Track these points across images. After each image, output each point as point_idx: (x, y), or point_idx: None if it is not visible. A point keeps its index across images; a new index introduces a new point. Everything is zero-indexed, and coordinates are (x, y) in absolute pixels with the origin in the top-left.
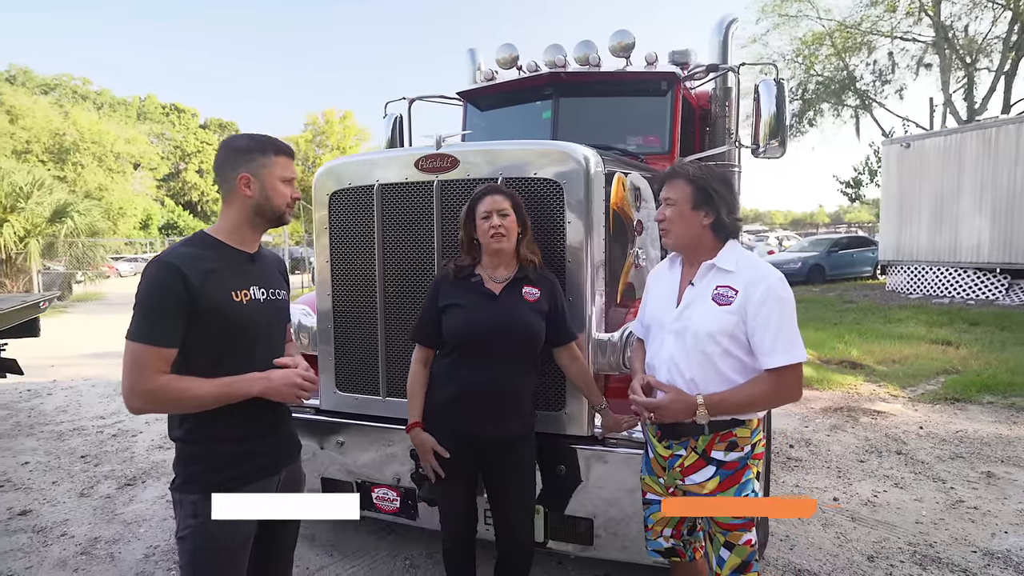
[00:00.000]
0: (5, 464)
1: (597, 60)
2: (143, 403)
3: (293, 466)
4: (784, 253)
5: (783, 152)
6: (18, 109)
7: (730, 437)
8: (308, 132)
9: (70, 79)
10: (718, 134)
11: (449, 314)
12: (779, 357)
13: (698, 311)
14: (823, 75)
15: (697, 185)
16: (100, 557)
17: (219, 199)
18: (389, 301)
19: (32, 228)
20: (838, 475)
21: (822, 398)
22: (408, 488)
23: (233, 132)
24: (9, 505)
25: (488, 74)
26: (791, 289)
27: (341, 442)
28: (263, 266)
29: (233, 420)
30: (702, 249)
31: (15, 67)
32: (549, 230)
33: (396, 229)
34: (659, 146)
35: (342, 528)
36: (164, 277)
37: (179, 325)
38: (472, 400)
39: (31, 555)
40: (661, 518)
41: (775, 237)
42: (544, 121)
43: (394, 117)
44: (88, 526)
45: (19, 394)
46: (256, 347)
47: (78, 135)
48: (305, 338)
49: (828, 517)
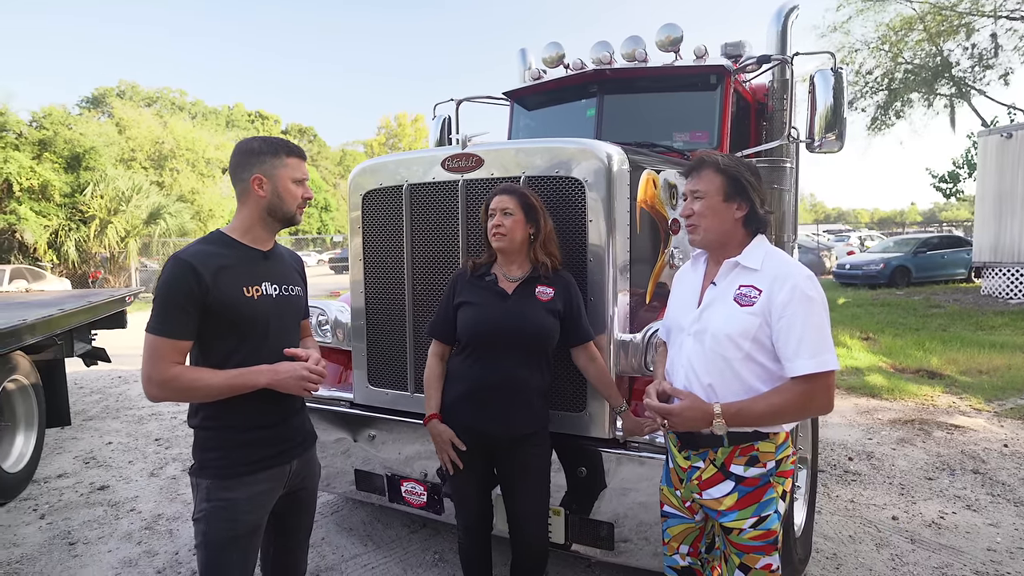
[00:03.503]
0: (93, 443)
1: (644, 56)
2: (159, 391)
3: (306, 456)
4: (865, 254)
5: (841, 146)
6: (126, 121)
7: (751, 451)
8: (381, 135)
9: (169, 91)
10: (776, 128)
11: (463, 311)
12: (805, 363)
13: (718, 312)
14: (912, 63)
15: (728, 174)
16: (161, 532)
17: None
18: (417, 299)
19: (131, 229)
20: (901, 492)
21: (891, 409)
22: (434, 483)
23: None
24: (92, 480)
25: (535, 73)
26: (822, 290)
27: (373, 436)
28: (277, 263)
29: (245, 410)
30: (731, 245)
31: (124, 82)
32: (571, 229)
33: (424, 228)
34: (707, 142)
35: (378, 519)
36: (178, 273)
37: (193, 319)
38: (482, 397)
39: (104, 526)
40: (678, 533)
41: (857, 237)
42: (588, 119)
43: (442, 118)
44: (154, 503)
45: (111, 380)
46: (267, 340)
47: (174, 143)
48: (341, 334)
49: (884, 537)
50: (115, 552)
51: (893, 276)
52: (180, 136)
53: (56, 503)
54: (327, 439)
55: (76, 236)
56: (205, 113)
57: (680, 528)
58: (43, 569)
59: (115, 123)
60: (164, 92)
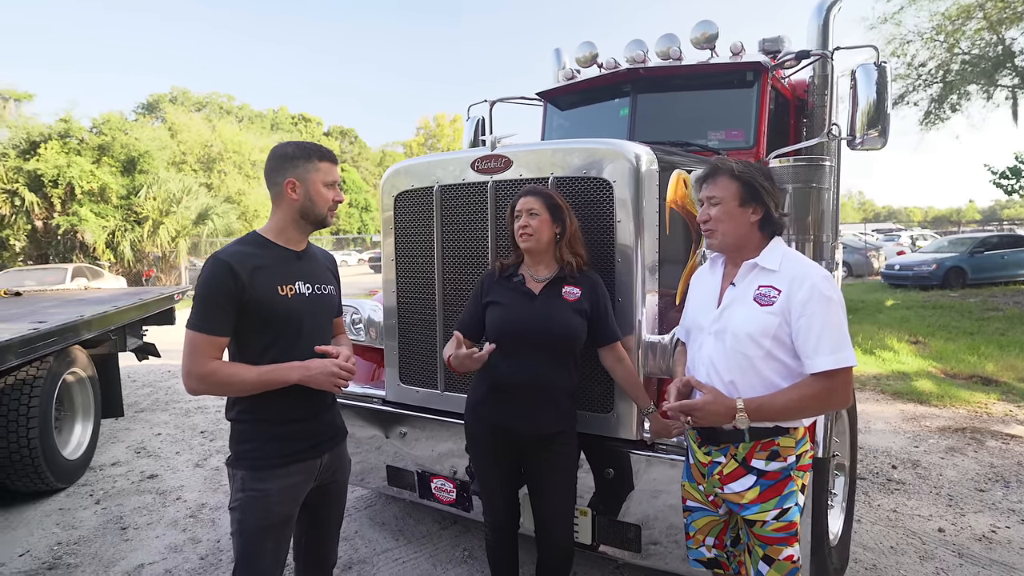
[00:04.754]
0: (145, 434)
1: (678, 54)
2: (198, 384)
3: (337, 450)
4: (916, 254)
5: (884, 143)
6: (177, 126)
7: (772, 446)
8: (420, 136)
9: (218, 96)
10: (816, 125)
11: (490, 311)
12: (824, 360)
13: (738, 312)
14: (970, 53)
15: (743, 180)
16: (204, 521)
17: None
18: (448, 299)
19: (181, 229)
20: (948, 504)
21: (941, 416)
22: (463, 481)
23: (352, 138)
24: (142, 469)
25: (569, 73)
26: (839, 290)
27: (404, 433)
28: (311, 263)
29: (278, 404)
30: (748, 248)
31: (176, 88)
32: (599, 229)
33: (454, 229)
34: (743, 140)
35: (409, 515)
36: (217, 273)
37: (230, 316)
38: (508, 395)
39: (152, 513)
40: (703, 526)
41: (908, 236)
42: (622, 119)
43: (476, 119)
44: (198, 493)
45: (161, 374)
46: (300, 338)
47: (222, 146)
48: (373, 332)
49: (929, 549)
50: (162, 538)
51: (947, 277)
52: (227, 139)
53: (110, 489)
54: (361, 435)
55: (131, 236)
56: (251, 116)
57: (704, 521)
58: (97, 551)
59: (167, 127)
60: (213, 97)
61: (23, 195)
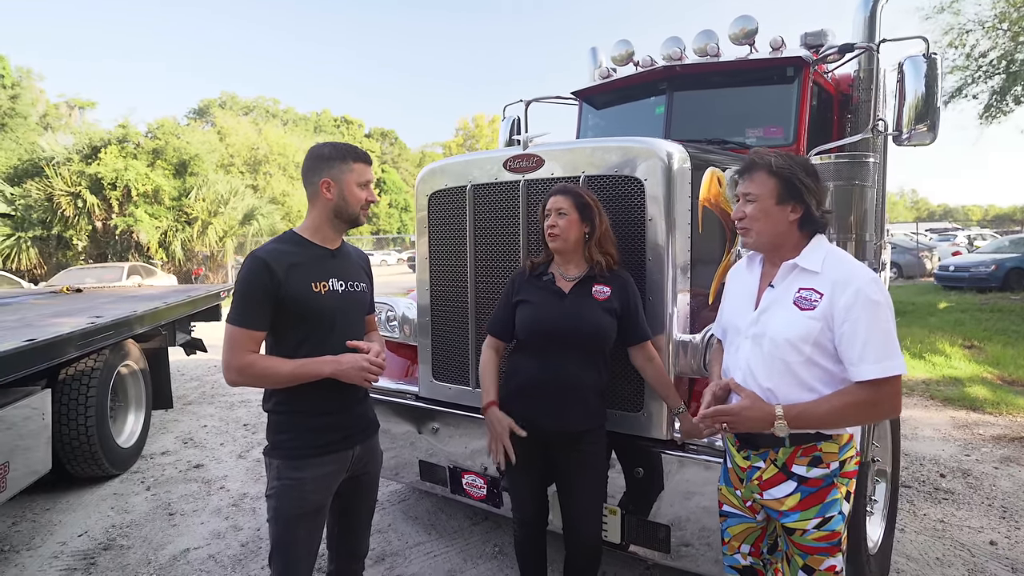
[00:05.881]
0: (192, 425)
1: (716, 50)
2: (236, 376)
3: (369, 443)
4: (974, 254)
5: (933, 138)
6: (226, 129)
7: (814, 451)
8: (459, 136)
9: (264, 100)
10: (861, 120)
11: (521, 310)
12: (869, 368)
13: (777, 316)
14: None
15: (781, 177)
16: (245, 510)
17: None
18: (480, 297)
19: (228, 229)
20: (1002, 516)
21: (996, 424)
22: (494, 477)
23: (392, 139)
24: (189, 459)
25: (604, 72)
26: (888, 293)
27: (436, 428)
28: (344, 261)
29: (312, 397)
30: (786, 248)
31: (225, 94)
32: (630, 228)
33: (487, 228)
34: (782, 137)
35: (442, 510)
36: (255, 270)
37: (267, 311)
38: (537, 392)
39: (198, 501)
40: (738, 533)
41: (965, 236)
42: (658, 117)
43: (512, 119)
44: (240, 483)
45: (207, 369)
46: (334, 333)
47: (268, 148)
48: (407, 329)
49: (978, 562)
50: (206, 524)
51: (1007, 279)
52: (273, 142)
53: (159, 477)
54: (395, 430)
55: (182, 236)
56: (295, 120)
57: (741, 528)
58: (147, 535)
59: (216, 131)
60: (259, 101)
61: (85, 197)
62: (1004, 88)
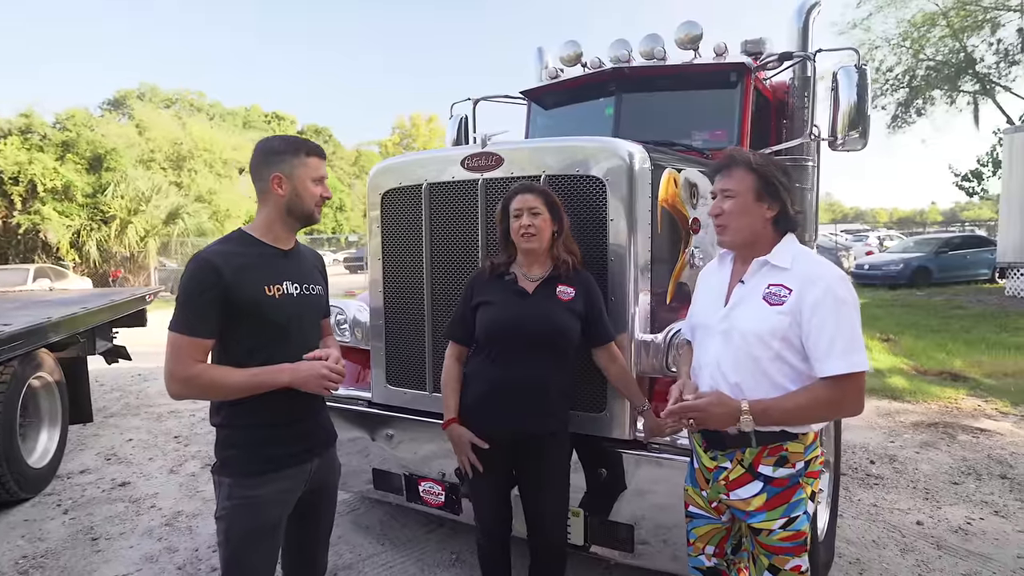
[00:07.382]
0: (114, 440)
1: (663, 54)
2: (181, 388)
3: (327, 454)
4: (884, 254)
5: (864, 144)
6: (146, 122)
7: (780, 451)
8: (396, 135)
9: (188, 93)
10: (796, 126)
11: (482, 311)
12: (835, 364)
13: (747, 311)
14: (935, 59)
15: (760, 174)
16: (181, 529)
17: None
18: (436, 298)
19: (151, 229)
20: (925, 497)
21: (914, 411)
22: (452, 483)
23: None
24: (113, 476)
25: (552, 72)
26: (855, 292)
27: (391, 435)
28: (298, 262)
29: (265, 408)
30: (760, 245)
31: (145, 84)
32: (592, 228)
33: (443, 227)
34: (726, 140)
35: (395, 519)
36: (200, 273)
37: (214, 317)
38: (502, 397)
39: (126, 522)
40: (704, 534)
41: (876, 236)
42: (607, 118)
43: (459, 118)
44: (173, 500)
45: (131, 378)
46: (289, 339)
47: (193, 144)
48: (359, 333)
49: (909, 542)
50: (136, 548)
51: (914, 276)
52: (198, 137)
53: (79, 499)
54: (345, 438)
55: (97, 236)
56: (223, 115)
57: (706, 529)
58: (67, 564)
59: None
60: (183, 94)
61: None
62: (908, 100)
